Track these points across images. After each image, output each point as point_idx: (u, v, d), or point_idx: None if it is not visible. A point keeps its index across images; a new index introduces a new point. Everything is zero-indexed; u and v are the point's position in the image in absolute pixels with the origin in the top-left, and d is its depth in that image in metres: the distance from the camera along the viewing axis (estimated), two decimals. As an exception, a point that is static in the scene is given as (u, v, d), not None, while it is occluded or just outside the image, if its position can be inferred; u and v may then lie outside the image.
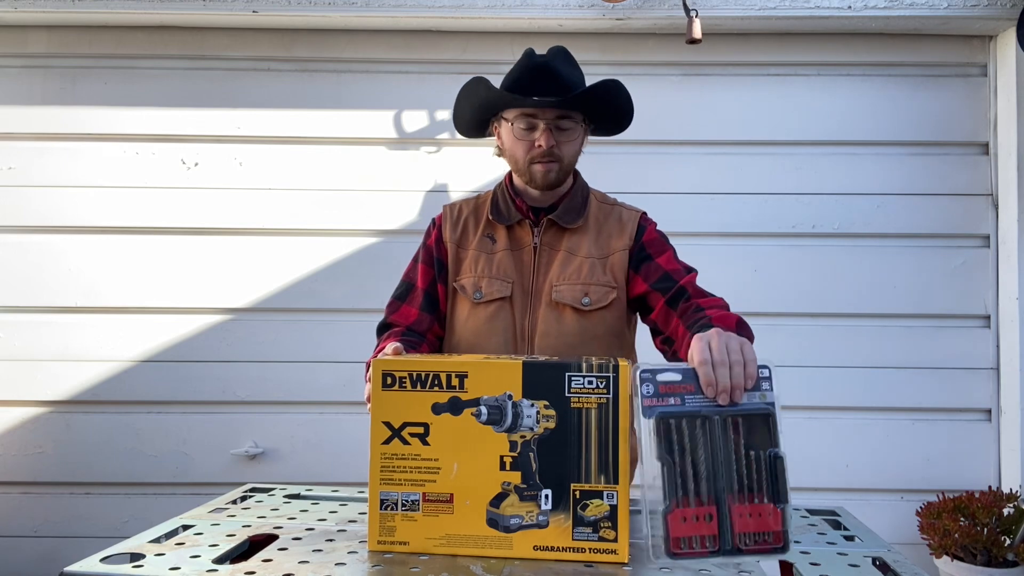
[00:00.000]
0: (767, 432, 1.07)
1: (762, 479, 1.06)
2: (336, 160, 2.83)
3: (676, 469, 1.05)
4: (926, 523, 2.38)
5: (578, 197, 1.58)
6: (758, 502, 1.05)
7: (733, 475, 1.06)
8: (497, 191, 1.61)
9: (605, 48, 2.82)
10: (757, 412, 1.07)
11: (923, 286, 2.78)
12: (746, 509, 1.05)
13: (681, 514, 1.04)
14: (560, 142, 1.49)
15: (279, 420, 2.77)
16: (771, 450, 1.06)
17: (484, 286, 1.52)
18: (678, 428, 1.06)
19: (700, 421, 1.07)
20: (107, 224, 2.79)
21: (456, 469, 1.11)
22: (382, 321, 1.61)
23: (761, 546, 1.04)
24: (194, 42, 2.83)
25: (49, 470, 2.75)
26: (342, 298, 2.78)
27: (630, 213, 1.60)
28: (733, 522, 1.05)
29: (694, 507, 1.04)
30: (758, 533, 1.05)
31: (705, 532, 1.04)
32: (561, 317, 1.50)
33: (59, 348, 2.76)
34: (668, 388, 1.07)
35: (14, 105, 2.80)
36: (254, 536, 1.22)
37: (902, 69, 2.83)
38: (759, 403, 1.08)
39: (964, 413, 2.76)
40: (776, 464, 1.06)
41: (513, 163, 1.54)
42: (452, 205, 1.64)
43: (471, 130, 1.63)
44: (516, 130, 1.49)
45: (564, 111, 1.47)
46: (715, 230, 2.79)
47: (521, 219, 1.56)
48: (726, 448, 1.06)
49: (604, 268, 1.52)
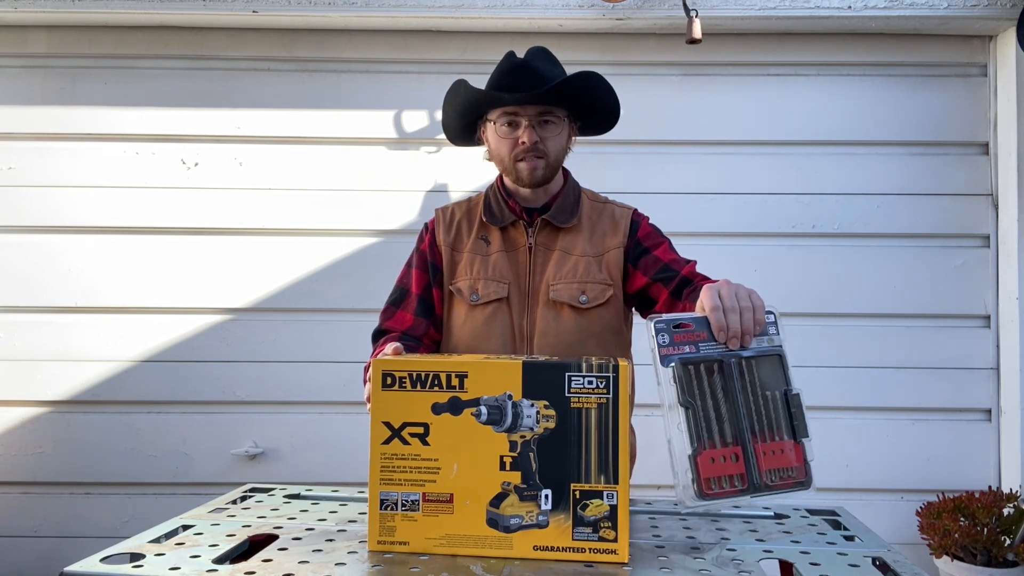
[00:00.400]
0: (780, 373, 1.13)
1: (780, 417, 1.11)
2: (336, 160, 2.83)
3: (699, 413, 1.10)
4: (926, 523, 2.38)
5: (570, 196, 1.59)
6: (779, 439, 1.10)
7: (753, 415, 1.11)
8: (489, 193, 1.62)
9: (605, 48, 2.82)
10: (769, 354, 1.14)
11: (923, 286, 2.78)
12: (768, 447, 1.10)
13: (709, 455, 1.09)
14: (544, 138, 1.49)
15: (279, 420, 2.77)
16: (785, 388, 1.12)
17: (480, 288, 1.53)
18: (696, 374, 1.11)
19: (716, 366, 1.12)
20: (107, 224, 2.79)
21: (456, 469, 1.11)
22: (377, 328, 1.62)
23: (786, 481, 1.09)
24: (194, 42, 2.83)
25: (49, 470, 2.75)
26: (342, 298, 2.78)
27: (622, 211, 1.61)
28: (758, 460, 1.09)
29: (720, 448, 1.09)
30: (782, 469, 1.09)
31: (733, 471, 1.09)
32: (559, 316, 1.51)
33: (59, 348, 2.76)
34: (682, 337, 1.12)
35: (14, 105, 2.80)
36: (254, 536, 1.22)
37: (902, 69, 2.83)
38: (768, 347, 1.14)
39: (964, 413, 2.76)
40: (792, 401, 1.11)
41: (500, 163, 1.55)
42: (444, 208, 1.65)
43: (460, 137, 1.64)
44: (499, 129, 1.50)
45: (546, 107, 1.48)
46: (715, 230, 2.79)
47: (515, 220, 1.56)
48: (743, 391, 1.12)
49: (600, 266, 1.53)
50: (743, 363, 1.13)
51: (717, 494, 1.08)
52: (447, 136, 1.66)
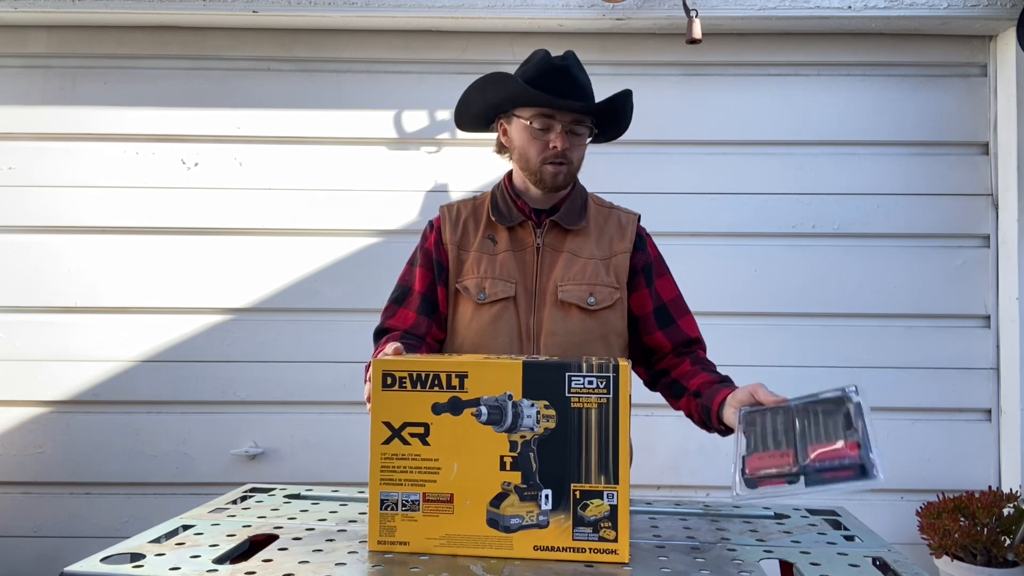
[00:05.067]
0: (845, 417, 1.12)
1: (837, 424, 1.11)
2: (336, 160, 2.83)
3: (756, 429, 1.16)
4: (926, 523, 2.38)
5: (578, 199, 1.60)
6: (834, 441, 1.09)
7: (808, 426, 1.13)
8: (496, 192, 1.62)
9: (605, 48, 2.82)
10: (832, 397, 1.15)
11: (923, 286, 2.78)
12: (821, 446, 1.10)
13: (760, 455, 1.12)
14: (572, 146, 1.51)
15: (279, 420, 2.77)
16: (842, 390, 1.14)
17: (488, 287, 1.53)
18: (761, 414, 1.19)
19: (782, 410, 1.19)
20: (107, 224, 2.79)
21: (456, 469, 1.11)
22: (379, 326, 1.61)
23: (839, 472, 1.06)
24: (194, 42, 2.82)
25: (49, 470, 2.75)
26: (342, 298, 2.78)
27: (628, 216, 1.64)
28: (809, 455, 1.09)
29: (772, 450, 1.12)
30: (836, 459, 1.07)
31: (782, 463, 1.09)
32: (567, 317, 1.52)
33: (59, 348, 2.76)
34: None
35: (14, 105, 2.80)
36: (254, 536, 1.23)
37: (902, 69, 2.83)
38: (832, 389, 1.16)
39: (964, 413, 2.76)
40: (850, 408, 1.11)
41: (524, 162, 1.54)
42: (449, 206, 1.64)
43: (474, 124, 1.63)
44: (532, 129, 1.50)
45: (579, 116, 1.50)
46: (715, 230, 2.78)
47: (523, 220, 1.57)
48: (802, 419, 1.15)
49: (608, 269, 1.55)
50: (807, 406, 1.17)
51: (764, 481, 1.09)
52: (457, 120, 1.65)
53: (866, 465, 1.04)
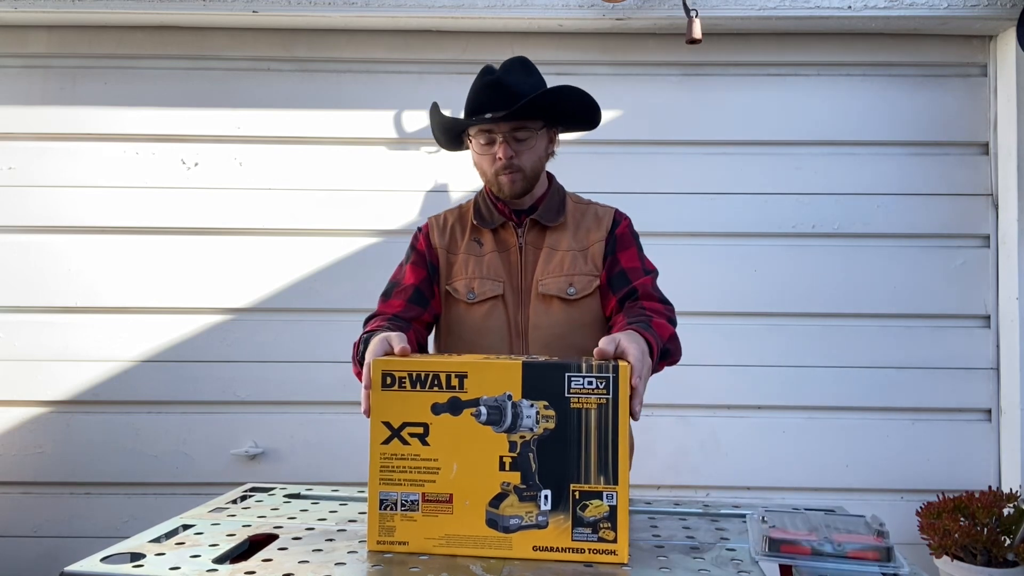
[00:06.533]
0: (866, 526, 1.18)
1: (860, 527, 1.18)
2: (336, 160, 2.83)
3: (776, 517, 1.20)
4: (926, 523, 2.38)
5: (555, 198, 1.65)
6: (861, 534, 1.14)
7: (833, 525, 1.18)
8: (478, 198, 1.68)
9: (605, 48, 2.82)
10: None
11: (923, 286, 2.78)
12: (847, 535, 1.12)
13: (782, 529, 1.14)
14: (518, 152, 1.54)
15: (279, 420, 2.77)
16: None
17: (476, 287, 1.58)
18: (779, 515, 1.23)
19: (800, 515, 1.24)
20: (107, 224, 2.79)
21: (455, 469, 1.11)
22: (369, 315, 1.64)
23: (865, 553, 1.07)
24: (194, 42, 2.82)
25: (49, 470, 2.75)
26: (342, 298, 2.78)
27: (605, 209, 1.68)
28: (833, 536, 1.11)
29: (796, 530, 1.14)
30: (860, 543, 1.09)
31: (808, 536, 1.11)
32: (549, 309, 1.56)
33: (59, 348, 2.76)
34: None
35: (14, 105, 2.80)
36: (254, 536, 1.23)
37: (902, 69, 2.83)
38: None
39: (964, 413, 2.76)
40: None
41: (483, 175, 1.61)
42: (436, 216, 1.71)
43: (449, 146, 1.71)
44: (477, 145, 1.57)
45: (518, 122, 1.52)
46: (715, 230, 2.78)
47: (505, 222, 1.62)
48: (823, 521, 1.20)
49: (585, 258, 1.58)
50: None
51: (786, 549, 1.09)
52: (439, 145, 1.73)
53: (892, 550, 1.07)
